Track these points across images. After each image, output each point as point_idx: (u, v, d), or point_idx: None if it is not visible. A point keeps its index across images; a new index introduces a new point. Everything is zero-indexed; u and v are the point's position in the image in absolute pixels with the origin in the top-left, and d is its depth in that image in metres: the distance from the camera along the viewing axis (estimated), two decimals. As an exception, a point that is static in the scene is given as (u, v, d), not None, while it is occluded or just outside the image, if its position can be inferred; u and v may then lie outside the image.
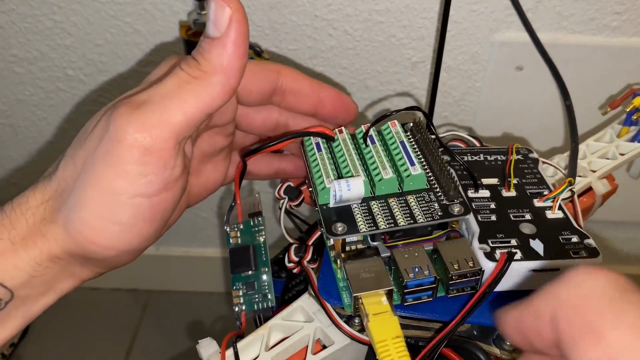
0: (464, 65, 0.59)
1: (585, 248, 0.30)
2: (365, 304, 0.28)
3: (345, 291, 0.30)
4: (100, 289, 0.91)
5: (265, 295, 0.33)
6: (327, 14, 0.56)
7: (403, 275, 0.28)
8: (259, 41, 0.58)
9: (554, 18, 0.54)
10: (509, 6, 0.52)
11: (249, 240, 0.34)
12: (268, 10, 0.56)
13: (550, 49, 0.49)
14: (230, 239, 0.34)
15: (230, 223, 0.34)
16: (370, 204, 0.30)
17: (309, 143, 0.33)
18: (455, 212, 0.30)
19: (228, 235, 0.34)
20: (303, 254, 0.34)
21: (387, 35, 0.57)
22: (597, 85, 0.57)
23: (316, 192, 0.30)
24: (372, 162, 0.31)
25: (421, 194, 0.31)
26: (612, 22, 0.54)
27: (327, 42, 0.58)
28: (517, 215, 0.32)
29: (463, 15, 0.55)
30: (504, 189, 0.34)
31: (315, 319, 0.32)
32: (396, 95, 0.62)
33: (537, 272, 0.29)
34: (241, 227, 0.34)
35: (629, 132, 0.42)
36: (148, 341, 0.86)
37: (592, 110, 0.55)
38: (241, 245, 0.34)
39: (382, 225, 0.29)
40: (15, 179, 0.77)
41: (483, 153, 0.37)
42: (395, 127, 0.33)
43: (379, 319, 0.27)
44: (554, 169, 0.39)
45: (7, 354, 0.81)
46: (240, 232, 0.34)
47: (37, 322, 0.87)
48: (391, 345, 0.26)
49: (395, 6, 0.55)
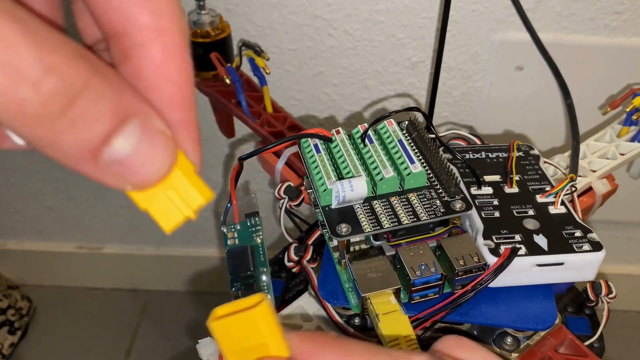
0: (464, 65, 0.59)
1: (588, 242, 0.30)
2: (374, 303, 0.28)
3: (351, 292, 0.30)
4: (100, 289, 0.91)
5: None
6: (327, 13, 0.56)
7: (410, 273, 0.28)
8: (258, 41, 0.58)
9: (554, 18, 0.54)
10: (509, 6, 0.52)
11: (247, 240, 0.34)
12: (268, 10, 0.56)
13: (551, 48, 0.49)
14: (227, 240, 0.34)
15: (227, 224, 0.34)
16: (372, 203, 0.30)
17: (306, 145, 0.33)
18: (457, 208, 0.30)
19: (225, 236, 0.34)
20: (303, 254, 0.34)
21: (387, 35, 0.57)
22: (597, 85, 0.57)
23: (317, 193, 0.30)
24: (372, 162, 0.31)
25: (422, 192, 0.31)
26: (612, 22, 0.54)
27: (327, 42, 0.58)
28: (520, 211, 0.32)
29: (463, 15, 0.55)
30: (506, 185, 0.34)
31: (315, 319, 0.32)
32: (396, 95, 0.62)
33: (541, 267, 0.30)
34: (238, 228, 0.34)
35: (629, 132, 0.42)
36: (148, 341, 0.86)
37: (592, 110, 0.55)
38: (239, 246, 0.34)
39: (386, 225, 0.29)
40: (15, 179, 0.77)
41: (484, 151, 0.37)
42: (392, 126, 0.33)
43: (390, 318, 0.27)
44: (554, 169, 0.39)
45: (7, 354, 0.81)
46: (237, 233, 0.34)
47: (37, 322, 0.87)
48: (403, 344, 0.26)
49: (395, 6, 0.55)
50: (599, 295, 0.34)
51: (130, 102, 0.15)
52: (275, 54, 0.59)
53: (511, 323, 0.31)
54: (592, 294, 0.34)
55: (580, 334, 0.36)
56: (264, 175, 0.42)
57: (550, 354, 0.30)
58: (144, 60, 0.16)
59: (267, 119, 0.47)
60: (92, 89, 0.14)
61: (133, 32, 0.16)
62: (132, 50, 0.16)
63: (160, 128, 0.15)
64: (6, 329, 0.81)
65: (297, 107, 0.64)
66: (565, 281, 0.32)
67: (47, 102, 0.13)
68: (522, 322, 0.30)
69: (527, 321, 0.30)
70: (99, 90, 0.14)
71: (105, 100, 0.14)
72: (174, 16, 0.16)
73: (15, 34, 0.13)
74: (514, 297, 0.31)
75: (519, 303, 0.31)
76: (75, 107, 0.13)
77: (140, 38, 0.16)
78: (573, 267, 0.30)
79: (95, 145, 0.14)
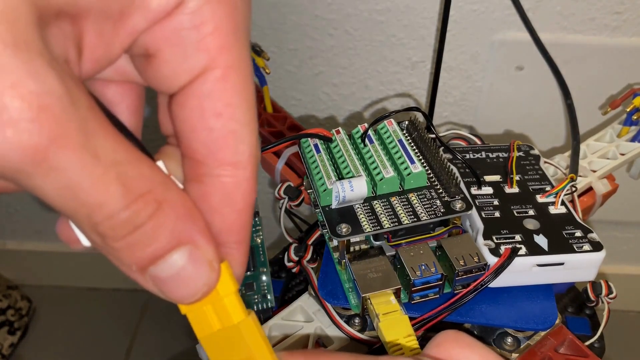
0: (464, 65, 0.59)
1: (588, 242, 0.30)
2: (375, 304, 0.28)
3: (352, 292, 0.30)
4: (100, 289, 0.91)
5: (265, 296, 0.32)
6: (328, 13, 0.56)
7: (410, 273, 0.28)
8: (258, 41, 0.58)
9: (554, 18, 0.54)
10: (509, 6, 0.52)
11: (248, 240, 0.34)
12: (268, 9, 0.56)
13: (551, 48, 0.49)
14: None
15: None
16: (372, 203, 0.30)
17: (306, 145, 0.33)
18: (458, 208, 0.30)
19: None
20: (303, 254, 0.34)
21: (388, 35, 0.57)
22: (597, 85, 0.57)
23: (318, 193, 0.30)
24: (372, 162, 0.31)
25: (422, 192, 0.31)
26: (612, 22, 0.54)
27: (327, 41, 0.58)
28: (521, 211, 0.32)
29: (463, 15, 0.55)
30: (506, 185, 0.34)
31: (315, 319, 0.32)
32: (396, 95, 0.62)
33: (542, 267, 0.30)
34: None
35: (629, 132, 0.42)
36: (148, 341, 0.86)
37: (592, 110, 0.55)
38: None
39: (386, 225, 0.29)
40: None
41: (484, 151, 0.37)
42: (392, 126, 0.33)
43: (390, 318, 0.27)
44: (554, 169, 0.39)
45: (7, 354, 0.81)
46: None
47: (37, 322, 0.87)
48: (404, 344, 0.26)
49: (396, 6, 0.55)
50: (599, 296, 0.34)
51: (186, 231, 0.16)
52: (275, 53, 0.59)
53: (511, 323, 0.30)
54: (592, 294, 0.34)
55: (580, 334, 0.36)
56: (264, 175, 0.42)
57: (551, 354, 0.30)
58: (214, 188, 0.17)
59: (267, 119, 0.47)
60: (155, 220, 0.15)
61: (211, 165, 0.17)
62: (206, 178, 0.17)
63: (208, 258, 0.16)
64: (6, 329, 0.81)
65: (297, 107, 0.64)
66: (565, 281, 0.32)
67: (114, 228, 0.14)
68: (522, 322, 0.30)
69: (527, 321, 0.30)
70: (161, 220, 0.15)
71: (164, 229, 0.15)
72: (252, 151, 0.17)
73: (107, 173, 0.13)
74: (514, 297, 0.31)
75: (519, 303, 0.31)
76: (135, 234, 0.15)
77: (217, 171, 0.17)
78: (573, 267, 0.30)
79: (144, 263, 0.15)
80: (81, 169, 0.13)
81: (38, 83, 0.12)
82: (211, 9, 0.15)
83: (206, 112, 0.16)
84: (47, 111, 0.12)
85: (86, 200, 0.13)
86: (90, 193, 0.13)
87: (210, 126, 0.16)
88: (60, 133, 0.12)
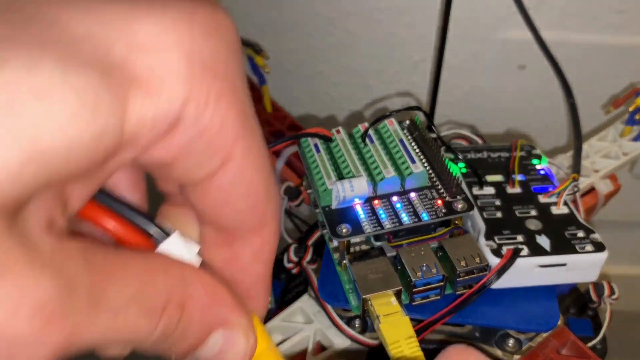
0: (465, 64, 0.59)
1: (591, 242, 0.30)
2: (375, 305, 0.27)
3: (352, 293, 0.30)
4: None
5: (265, 296, 0.32)
6: (328, 12, 0.56)
7: (411, 274, 0.28)
8: (258, 40, 0.58)
9: (556, 16, 0.54)
10: (511, 4, 0.52)
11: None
12: (267, 8, 0.56)
13: (553, 47, 0.49)
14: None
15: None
16: (372, 203, 0.30)
17: (306, 145, 0.33)
18: (459, 208, 0.29)
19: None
20: (302, 255, 0.33)
21: (388, 34, 0.57)
22: (599, 84, 0.57)
23: (317, 194, 0.30)
24: (373, 162, 0.31)
25: (423, 192, 0.30)
26: (615, 20, 0.54)
27: (328, 40, 0.58)
28: (523, 211, 0.32)
29: (464, 13, 0.54)
30: (508, 185, 0.34)
31: (315, 321, 0.32)
32: (397, 94, 0.62)
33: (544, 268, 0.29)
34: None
35: (632, 131, 0.42)
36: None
37: (595, 110, 0.54)
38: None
39: (386, 225, 0.29)
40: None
41: (486, 150, 0.37)
42: (392, 125, 0.33)
43: (390, 320, 0.27)
44: (556, 169, 0.38)
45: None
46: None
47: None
48: (404, 346, 0.26)
49: (396, 4, 0.54)
50: (602, 297, 0.33)
51: (215, 317, 0.16)
52: (275, 52, 0.59)
53: (513, 324, 0.30)
54: (594, 295, 0.34)
55: (582, 335, 0.36)
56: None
57: (553, 355, 0.30)
58: (244, 250, 0.18)
59: (267, 119, 0.46)
60: (182, 322, 0.15)
61: (241, 233, 0.17)
62: (235, 242, 0.17)
63: (243, 330, 0.17)
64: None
65: (297, 107, 0.63)
66: (567, 282, 0.31)
67: (151, 345, 0.15)
68: (524, 324, 0.30)
69: (529, 322, 0.30)
70: (188, 319, 0.15)
71: (193, 325, 0.16)
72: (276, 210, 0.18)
73: (127, 312, 0.14)
74: (516, 298, 0.31)
75: (521, 304, 0.31)
76: (170, 339, 0.15)
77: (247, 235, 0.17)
78: (575, 268, 0.30)
79: (184, 355, 0.16)
80: (105, 331, 0.13)
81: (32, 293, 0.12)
82: (213, 110, 0.14)
83: (232, 197, 0.16)
84: (51, 322, 0.12)
85: (122, 338, 0.14)
86: (121, 334, 0.14)
87: (237, 208, 0.16)
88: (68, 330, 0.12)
